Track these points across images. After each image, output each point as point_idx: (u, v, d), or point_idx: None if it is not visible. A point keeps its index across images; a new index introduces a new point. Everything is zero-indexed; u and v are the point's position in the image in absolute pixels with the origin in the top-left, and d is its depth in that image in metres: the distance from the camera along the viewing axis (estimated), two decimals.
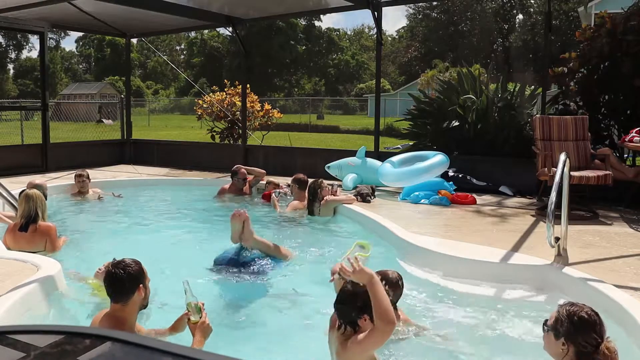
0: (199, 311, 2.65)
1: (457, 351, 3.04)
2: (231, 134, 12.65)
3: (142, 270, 2.75)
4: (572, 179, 5.34)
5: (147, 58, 68.77)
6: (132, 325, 2.70)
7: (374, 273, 2.39)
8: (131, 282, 2.66)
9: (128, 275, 2.66)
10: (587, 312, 2.30)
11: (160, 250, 5.08)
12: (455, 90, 8.87)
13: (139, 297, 2.69)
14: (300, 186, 6.59)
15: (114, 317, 2.66)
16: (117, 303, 2.67)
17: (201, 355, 0.77)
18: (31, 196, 4.73)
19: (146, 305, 2.80)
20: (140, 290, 2.69)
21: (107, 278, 2.73)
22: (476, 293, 3.86)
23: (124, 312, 2.67)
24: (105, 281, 2.74)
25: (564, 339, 2.29)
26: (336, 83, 63.30)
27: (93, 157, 10.67)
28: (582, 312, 2.30)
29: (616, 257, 4.31)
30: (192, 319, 2.64)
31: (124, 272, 2.66)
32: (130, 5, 8.66)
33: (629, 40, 6.90)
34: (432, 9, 52.36)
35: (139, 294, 2.68)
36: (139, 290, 2.68)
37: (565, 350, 2.28)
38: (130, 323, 2.69)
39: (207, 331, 2.64)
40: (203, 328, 2.63)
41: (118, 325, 2.61)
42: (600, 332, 2.28)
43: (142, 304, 2.74)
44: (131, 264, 2.72)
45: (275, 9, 10.02)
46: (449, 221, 5.78)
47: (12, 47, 67.14)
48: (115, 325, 2.61)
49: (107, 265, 2.87)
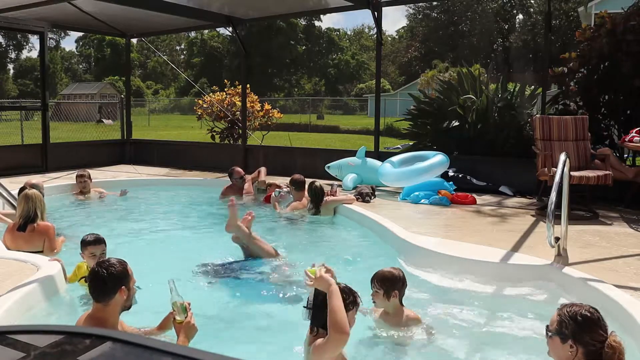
0: (184, 311, 2.60)
1: (457, 351, 3.04)
2: (231, 134, 12.66)
3: (126, 271, 2.70)
4: (572, 179, 5.34)
5: (147, 58, 68.77)
6: (113, 325, 2.65)
7: (333, 282, 2.43)
8: (113, 283, 2.61)
9: (110, 275, 2.61)
10: (588, 310, 2.28)
11: (160, 250, 5.08)
12: (455, 90, 8.88)
13: (120, 298, 2.64)
14: (297, 187, 6.58)
15: (95, 317, 2.63)
16: (99, 303, 2.64)
17: (201, 356, 0.77)
18: (30, 196, 4.73)
19: (129, 307, 2.74)
20: (122, 292, 2.63)
21: (90, 276, 2.70)
22: (476, 293, 3.86)
23: (105, 313, 2.63)
24: (88, 279, 2.72)
25: (571, 340, 2.24)
26: (336, 83, 63.31)
27: (93, 157, 10.67)
28: (584, 310, 2.27)
29: (616, 257, 4.31)
30: (177, 318, 2.60)
31: (106, 271, 2.62)
32: (130, 5, 8.66)
33: (629, 40, 6.90)
34: (432, 9, 52.37)
35: (121, 295, 2.63)
36: (120, 291, 2.62)
37: (574, 352, 2.23)
38: (112, 323, 2.64)
39: (191, 331, 2.60)
40: (188, 328, 2.58)
41: (99, 325, 2.56)
42: (604, 327, 2.26)
43: (124, 305, 2.68)
44: (115, 264, 2.67)
45: (275, 9, 10.02)
46: (449, 221, 5.78)
47: (12, 47, 67.20)
48: (96, 325, 2.57)
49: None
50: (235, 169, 7.65)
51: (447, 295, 3.83)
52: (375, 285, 3.10)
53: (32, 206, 4.68)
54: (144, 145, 12.01)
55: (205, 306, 3.45)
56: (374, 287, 3.11)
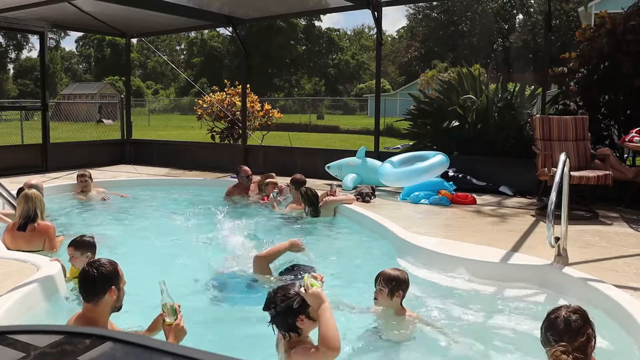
0: (174, 313, 2.59)
1: (457, 351, 3.03)
2: (231, 134, 12.66)
3: (117, 272, 2.69)
4: (572, 179, 5.34)
5: (147, 58, 68.77)
6: (104, 326, 2.64)
7: (326, 299, 2.40)
8: (103, 283, 2.61)
9: (100, 275, 2.61)
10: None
11: (159, 250, 5.08)
12: (455, 90, 8.88)
13: (110, 299, 2.63)
14: (296, 187, 6.56)
15: (85, 317, 2.63)
16: (88, 303, 2.64)
17: (201, 356, 0.77)
18: (30, 196, 4.74)
19: (120, 308, 2.72)
20: (112, 292, 2.63)
21: (80, 276, 2.71)
22: (476, 293, 3.86)
23: (95, 313, 2.63)
24: (78, 279, 2.72)
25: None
26: (336, 83, 63.31)
27: (93, 157, 10.67)
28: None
29: (616, 257, 4.31)
30: (166, 320, 2.58)
31: (96, 271, 2.62)
32: (130, 5, 8.66)
33: (629, 40, 6.90)
34: (432, 9, 52.38)
35: (111, 296, 2.63)
36: (110, 291, 2.62)
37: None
38: (102, 324, 2.64)
39: (180, 334, 2.58)
40: (177, 330, 2.56)
41: (89, 326, 2.56)
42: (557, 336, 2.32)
43: (114, 305, 2.68)
44: (105, 264, 2.67)
45: (275, 9, 10.02)
46: (449, 221, 5.78)
47: (12, 47, 67.20)
48: (85, 325, 2.56)
49: None
50: (243, 167, 7.55)
51: (447, 295, 3.83)
52: (380, 283, 3.13)
53: (32, 206, 4.69)
54: (144, 145, 12.01)
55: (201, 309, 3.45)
56: (378, 285, 3.13)
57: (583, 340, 2.25)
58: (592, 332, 2.32)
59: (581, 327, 2.28)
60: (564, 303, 3.45)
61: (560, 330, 2.28)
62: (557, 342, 2.25)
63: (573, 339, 2.24)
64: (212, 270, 4.26)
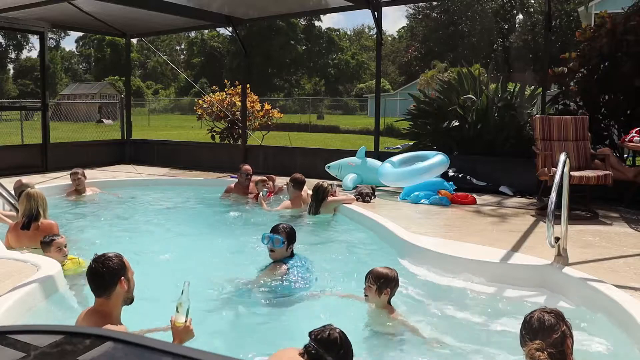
0: (186, 315, 2.57)
1: (457, 351, 3.03)
2: (231, 134, 12.66)
3: (123, 263, 2.73)
4: (572, 179, 5.34)
5: (147, 58, 68.77)
6: (117, 318, 2.68)
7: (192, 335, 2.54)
8: (111, 275, 2.65)
9: (107, 269, 2.65)
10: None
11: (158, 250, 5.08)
12: (455, 90, 8.88)
13: (121, 290, 2.67)
14: (295, 185, 6.54)
15: (97, 312, 2.66)
16: (100, 297, 2.67)
17: (201, 356, 0.77)
18: (32, 195, 4.75)
19: (131, 300, 2.75)
20: (123, 283, 2.67)
21: (88, 273, 2.73)
22: (476, 293, 3.86)
23: (108, 306, 2.67)
24: (87, 276, 2.74)
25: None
26: (336, 83, 63.30)
27: (93, 157, 10.68)
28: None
29: (616, 257, 4.31)
30: (177, 320, 2.56)
31: (103, 265, 2.66)
32: (130, 5, 8.66)
33: (629, 40, 6.90)
34: (432, 9, 52.35)
35: (122, 287, 2.67)
36: (120, 282, 2.66)
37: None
38: (115, 316, 2.67)
39: (188, 336, 2.57)
40: (186, 332, 2.54)
41: (103, 319, 2.60)
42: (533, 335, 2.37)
43: (126, 297, 2.72)
44: (111, 257, 2.71)
45: (275, 9, 10.02)
46: (449, 221, 5.78)
47: (12, 47, 67.20)
48: (99, 319, 2.60)
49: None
50: (244, 165, 7.51)
51: (447, 295, 3.83)
52: (369, 280, 3.24)
53: (34, 204, 4.70)
54: (144, 145, 12.01)
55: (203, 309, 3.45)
56: (367, 281, 3.25)
57: (557, 337, 2.30)
58: (568, 330, 2.36)
59: (554, 325, 2.34)
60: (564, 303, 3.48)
61: (535, 329, 2.35)
62: (532, 341, 2.30)
63: (547, 337, 2.30)
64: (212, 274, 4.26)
